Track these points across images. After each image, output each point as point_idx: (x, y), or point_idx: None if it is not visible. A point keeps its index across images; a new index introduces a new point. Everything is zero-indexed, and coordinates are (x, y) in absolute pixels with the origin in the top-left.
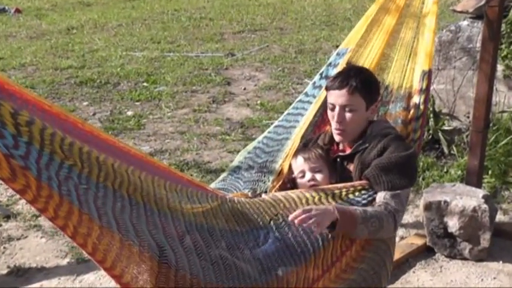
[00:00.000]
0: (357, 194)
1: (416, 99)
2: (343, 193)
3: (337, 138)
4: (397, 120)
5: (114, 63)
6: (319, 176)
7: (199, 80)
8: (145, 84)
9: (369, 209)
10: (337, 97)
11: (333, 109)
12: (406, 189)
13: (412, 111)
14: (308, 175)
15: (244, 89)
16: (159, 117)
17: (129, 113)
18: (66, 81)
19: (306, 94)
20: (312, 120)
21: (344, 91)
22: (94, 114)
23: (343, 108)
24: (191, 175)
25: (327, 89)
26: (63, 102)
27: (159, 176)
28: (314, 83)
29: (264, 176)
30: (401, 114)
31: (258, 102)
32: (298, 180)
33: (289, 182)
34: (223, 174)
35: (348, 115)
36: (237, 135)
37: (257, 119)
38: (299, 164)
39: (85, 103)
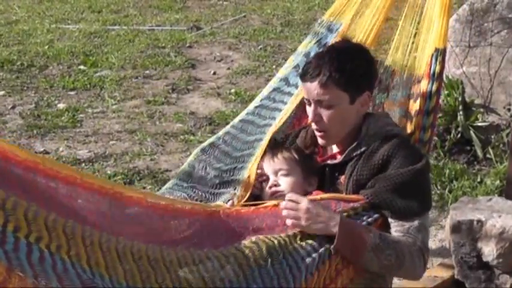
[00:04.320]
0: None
1: (424, 85)
2: None
3: (320, 141)
4: (396, 111)
5: (40, 40)
6: (285, 181)
7: (154, 62)
8: (82, 67)
9: (391, 236)
10: (309, 91)
11: (310, 105)
12: (427, 214)
13: (418, 102)
14: (270, 179)
15: (214, 73)
16: (101, 111)
17: (61, 105)
18: None
19: (287, 82)
20: (291, 113)
21: (315, 83)
22: (13, 107)
23: (317, 104)
24: (143, 187)
25: (301, 79)
26: None
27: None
28: (297, 67)
29: (229, 187)
30: (403, 104)
31: (232, 90)
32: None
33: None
34: (167, 185)
35: (325, 112)
36: (205, 135)
37: (231, 113)
38: (262, 168)
39: (1, 93)
